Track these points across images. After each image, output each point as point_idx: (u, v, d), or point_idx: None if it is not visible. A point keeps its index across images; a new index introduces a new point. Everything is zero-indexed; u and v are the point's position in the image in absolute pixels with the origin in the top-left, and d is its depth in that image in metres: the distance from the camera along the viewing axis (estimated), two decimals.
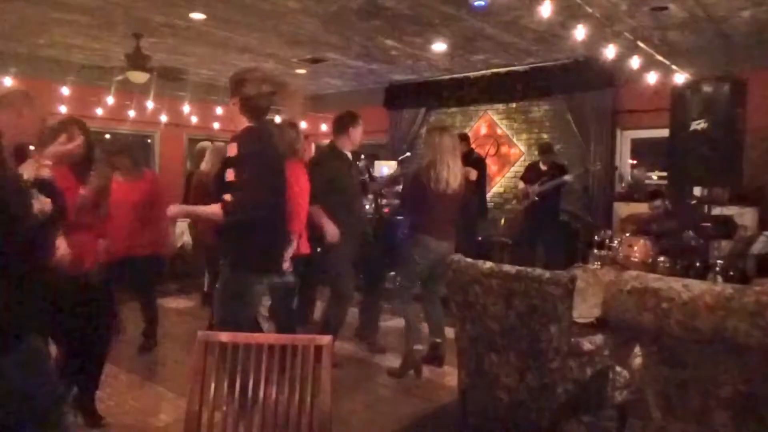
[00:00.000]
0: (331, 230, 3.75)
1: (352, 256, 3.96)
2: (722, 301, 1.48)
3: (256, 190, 2.55)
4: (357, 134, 4.01)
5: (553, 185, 6.24)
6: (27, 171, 1.90)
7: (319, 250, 3.80)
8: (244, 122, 2.65)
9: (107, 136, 7.67)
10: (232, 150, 2.52)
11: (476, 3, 4.66)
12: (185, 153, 8.65)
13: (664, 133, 4.48)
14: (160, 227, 4.09)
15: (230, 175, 2.51)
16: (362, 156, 5.16)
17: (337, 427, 3.02)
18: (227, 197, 2.50)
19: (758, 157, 5.12)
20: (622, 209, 6.11)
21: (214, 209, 2.54)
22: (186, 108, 7.69)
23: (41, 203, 1.76)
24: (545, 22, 4.79)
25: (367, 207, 5.27)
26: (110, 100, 6.76)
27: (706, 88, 4.06)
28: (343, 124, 3.99)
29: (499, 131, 7.85)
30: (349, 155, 4.07)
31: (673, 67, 5.08)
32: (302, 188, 3.55)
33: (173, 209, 2.79)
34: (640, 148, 6.84)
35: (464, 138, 6.35)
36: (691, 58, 5.61)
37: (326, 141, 4.19)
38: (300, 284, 3.57)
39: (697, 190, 5.27)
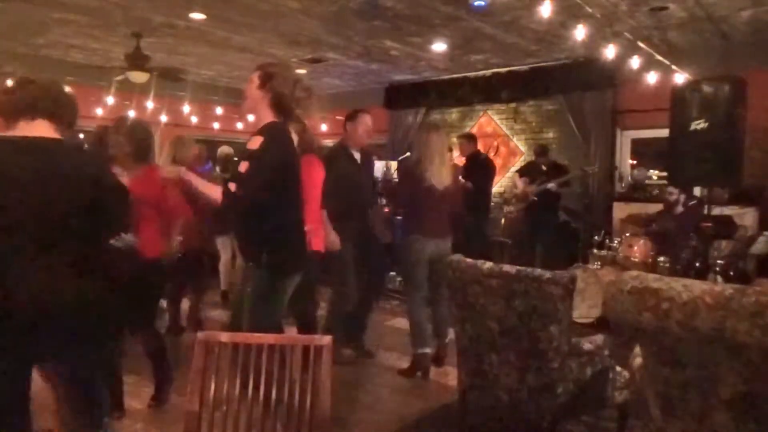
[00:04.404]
0: (332, 238, 3.77)
1: (355, 256, 3.97)
2: (722, 301, 1.48)
3: (262, 187, 2.44)
4: (355, 131, 3.98)
5: (551, 186, 6.22)
6: None
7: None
8: (268, 116, 2.55)
9: None
10: (256, 143, 2.42)
11: (476, 3, 4.66)
12: None
13: (664, 133, 4.47)
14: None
15: (244, 167, 2.41)
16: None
17: (337, 427, 3.03)
18: (232, 186, 2.40)
19: (758, 157, 5.12)
20: (622, 209, 6.11)
21: (215, 192, 2.44)
22: (186, 108, 7.69)
23: None
24: (545, 22, 4.79)
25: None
26: (110, 100, 6.75)
27: (706, 88, 4.05)
28: (344, 123, 4.04)
29: (499, 131, 7.85)
30: (357, 155, 4.06)
31: (673, 67, 5.08)
32: (315, 183, 3.55)
33: (171, 169, 2.63)
34: (640, 148, 6.85)
35: (471, 139, 6.34)
36: (691, 58, 5.61)
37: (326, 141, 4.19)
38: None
39: (697, 190, 5.27)
